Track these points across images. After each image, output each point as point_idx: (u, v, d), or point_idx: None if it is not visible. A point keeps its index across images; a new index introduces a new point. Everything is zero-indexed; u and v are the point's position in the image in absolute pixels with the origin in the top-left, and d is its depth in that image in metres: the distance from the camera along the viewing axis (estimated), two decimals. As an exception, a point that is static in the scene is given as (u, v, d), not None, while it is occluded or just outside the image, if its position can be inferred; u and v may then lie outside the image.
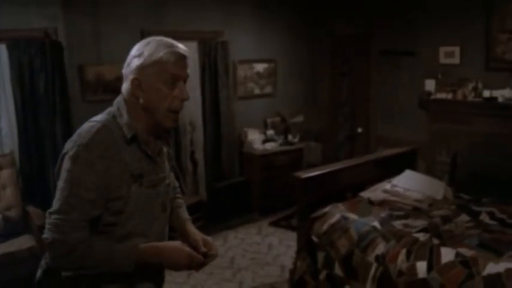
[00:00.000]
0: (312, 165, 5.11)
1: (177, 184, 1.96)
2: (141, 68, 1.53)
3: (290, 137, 5.92)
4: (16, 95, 4.23)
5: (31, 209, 4.03)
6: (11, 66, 4.18)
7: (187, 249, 1.59)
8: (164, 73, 1.53)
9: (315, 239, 3.38)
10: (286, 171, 5.01)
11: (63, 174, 1.50)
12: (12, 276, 3.68)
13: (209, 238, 1.75)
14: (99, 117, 1.60)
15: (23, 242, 3.76)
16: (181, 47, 1.58)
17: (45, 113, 4.31)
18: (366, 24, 5.79)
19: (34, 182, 4.35)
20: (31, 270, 3.63)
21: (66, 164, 1.50)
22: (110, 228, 1.54)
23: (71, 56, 4.42)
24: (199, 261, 1.60)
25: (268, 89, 6.06)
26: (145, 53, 1.53)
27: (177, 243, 1.60)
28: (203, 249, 1.66)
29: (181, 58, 1.55)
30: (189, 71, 1.61)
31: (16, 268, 3.65)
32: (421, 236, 3.03)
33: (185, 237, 1.76)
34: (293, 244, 4.21)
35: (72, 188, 1.46)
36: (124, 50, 4.15)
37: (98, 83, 4.62)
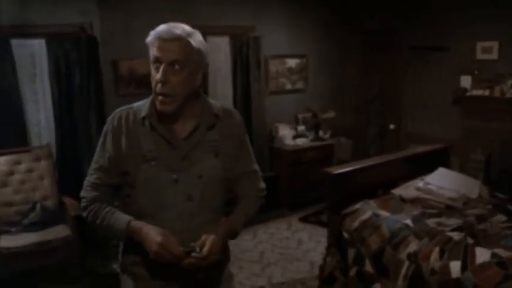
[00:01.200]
0: (342, 161, 5.07)
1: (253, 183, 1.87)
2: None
3: (321, 132, 5.88)
4: (53, 88, 4.35)
5: (67, 199, 4.14)
6: (49, 60, 4.31)
7: (160, 239, 1.55)
8: (151, 56, 1.61)
9: (345, 235, 3.36)
10: (317, 167, 4.97)
11: None
12: (47, 263, 3.81)
13: (211, 239, 1.60)
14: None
15: (58, 231, 3.87)
16: (164, 29, 1.58)
17: (80, 106, 4.42)
18: (396, 18, 5.67)
19: (69, 173, 4.46)
20: (65, 258, 3.78)
21: None
22: (127, 200, 1.70)
23: (105, 51, 4.50)
24: (174, 254, 1.56)
25: (299, 85, 6.03)
26: (150, 33, 1.63)
27: (158, 230, 1.58)
28: (192, 245, 1.59)
29: (161, 40, 1.57)
30: (172, 53, 1.57)
31: (51, 255, 3.77)
32: (455, 235, 2.96)
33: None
34: (323, 240, 4.20)
35: (95, 156, 1.72)
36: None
37: (130, 77, 4.69)
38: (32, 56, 4.36)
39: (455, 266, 2.74)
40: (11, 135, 4.28)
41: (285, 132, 5.69)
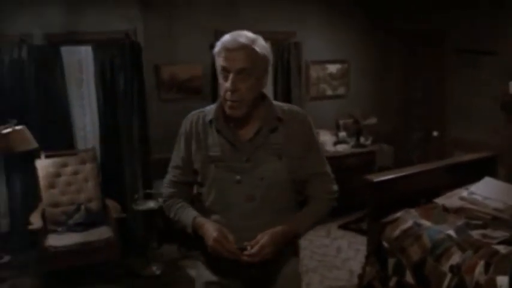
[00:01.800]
0: (383, 168, 4.97)
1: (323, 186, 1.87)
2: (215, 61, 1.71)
3: (362, 139, 5.79)
4: (98, 93, 4.49)
5: (109, 202, 4.26)
6: (95, 66, 4.45)
7: (216, 234, 1.66)
8: (218, 66, 1.68)
9: (385, 244, 3.29)
10: (357, 174, 4.89)
11: None
12: (91, 262, 3.93)
13: (264, 241, 1.66)
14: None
15: (101, 233, 3.97)
16: (229, 39, 1.65)
17: (123, 111, 4.53)
18: (440, 20, 5.50)
19: (112, 176, 4.58)
20: (107, 258, 3.88)
21: None
22: (199, 197, 1.83)
23: (148, 56, 4.60)
24: (227, 249, 1.65)
25: (340, 90, 5.97)
26: (216, 44, 1.69)
27: (216, 227, 1.69)
28: (245, 244, 1.67)
29: (226, 50, 1.64)
30: (239, 62, 1.63)
31: (94, 255, 3.88)
32: (502, 249, 2.84)
33: None
34: (362, 248, 4.13)
35: (172, 155, 1.88)
36: (196, 50, 4.24)
37: (172, 82, 4.77)
38: (80, 62, 4.54)
39: (502, 281, 2.62)
40: (59, 139, 4.45)
41: (326, 138, 5.64)
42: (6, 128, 3.98)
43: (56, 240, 3.85)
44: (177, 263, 4.42)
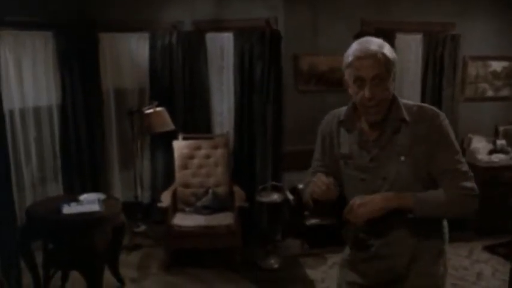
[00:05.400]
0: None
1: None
2: (344, 68, 1.75)
3: (526, 150, 4.96)
4: (236, 80, 4.55)
5: (236, 188, 4.29)
6: (235, 53, 4.51)
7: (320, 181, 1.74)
8: (351, 76, 1.71)
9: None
10: (515, 191, 4.21)
11: None
12: (211, 246, 4.03)
13: (358, 199, 1.73)
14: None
15: (224, 218, 4.03)
16: (358, 48, 1.68)
17: (259, 99, 4.52)
18: None
19: (243, 164, 4.61)
20: (227, 245, 3.93)
21: None
22: (340, 189, 1.84)
23: (287, 45, 4.50)
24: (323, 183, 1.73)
25: (505, 92, 5.18)
26: (345, 55, 1.74)
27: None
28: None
29: (358, 59, 1.67)
30: (373, 69, 1.65)
31: (215, 240, 3.96)
32: None
33: None
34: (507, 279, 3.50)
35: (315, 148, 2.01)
36: (340, 41, 4.01)
37: (311, 73, 4.60)
38: (222, 49, 4.62)
39: None
40: (199, 122, 4.65)
41: (480, 145, 4.95)
42: (150, 108, 4.24)
43: (181, 220, 4.01)
44: (298, 259, 4.28)
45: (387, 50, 1.70)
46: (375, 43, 1.69)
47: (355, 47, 1.70)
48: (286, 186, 4.57)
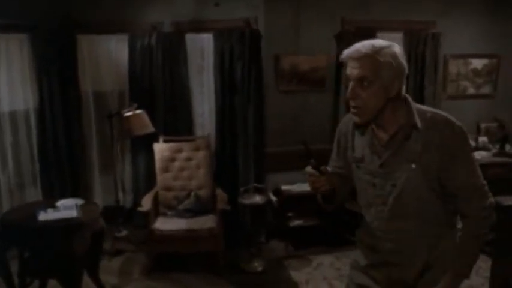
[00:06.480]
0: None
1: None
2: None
3: (508, 147, 4.98)
4: (217, 81, 4.49)
5: (219, 191, 4.23)
6: (215, 53, 4.44)
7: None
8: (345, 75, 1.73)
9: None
10: (499, 188, 4.20)
11: None
12: (193, 250, 3.96)
13: None
14: None
15: (206, 222, 3.96)
16: (353, 48, 1.65)
17: (240, 100, 4.47)
18: None
19: (225, 165, 4.56)
20: (210, 248, 3.86)
21: None
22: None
23: (268, 45, 4.46)
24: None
25: (485, 89, 5.21)
26: None
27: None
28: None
29: (350, 59, 1.67)
30: (359, 71, 1.63)
31: (197, 244, 3.89)
32: None
33: None
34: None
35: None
36: (321, 41, 3.99)
37: (292, 73, 4.56)
38: (202, 49, 4.57)
39: None
40: (179, 124, 4.57)
41: (462, 143, 4.96)
42: (129, 111, 4.17)
43: (163, 224, 3.94)
44: (282, 261, 4.24)
45: (384, 54, 1.61)
46: (372, 46, 1.63)
47: (352, 47, 1.67)
48: (269, 187, 4.53)
